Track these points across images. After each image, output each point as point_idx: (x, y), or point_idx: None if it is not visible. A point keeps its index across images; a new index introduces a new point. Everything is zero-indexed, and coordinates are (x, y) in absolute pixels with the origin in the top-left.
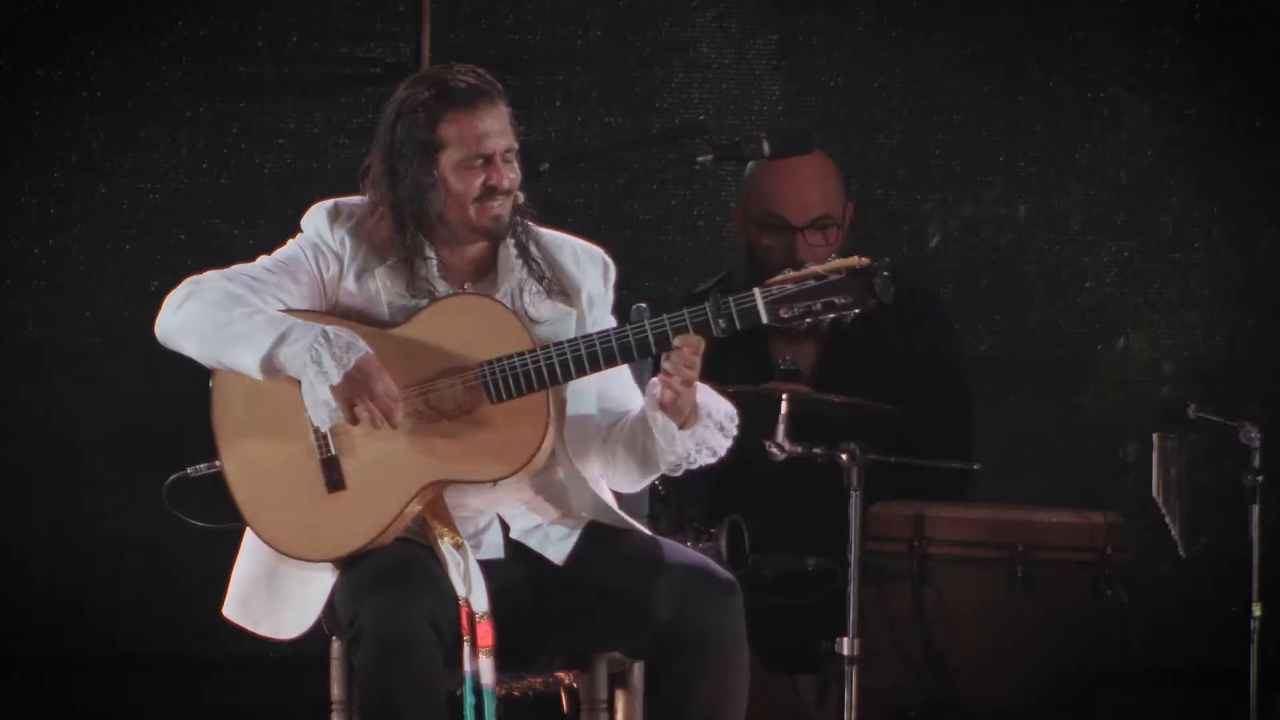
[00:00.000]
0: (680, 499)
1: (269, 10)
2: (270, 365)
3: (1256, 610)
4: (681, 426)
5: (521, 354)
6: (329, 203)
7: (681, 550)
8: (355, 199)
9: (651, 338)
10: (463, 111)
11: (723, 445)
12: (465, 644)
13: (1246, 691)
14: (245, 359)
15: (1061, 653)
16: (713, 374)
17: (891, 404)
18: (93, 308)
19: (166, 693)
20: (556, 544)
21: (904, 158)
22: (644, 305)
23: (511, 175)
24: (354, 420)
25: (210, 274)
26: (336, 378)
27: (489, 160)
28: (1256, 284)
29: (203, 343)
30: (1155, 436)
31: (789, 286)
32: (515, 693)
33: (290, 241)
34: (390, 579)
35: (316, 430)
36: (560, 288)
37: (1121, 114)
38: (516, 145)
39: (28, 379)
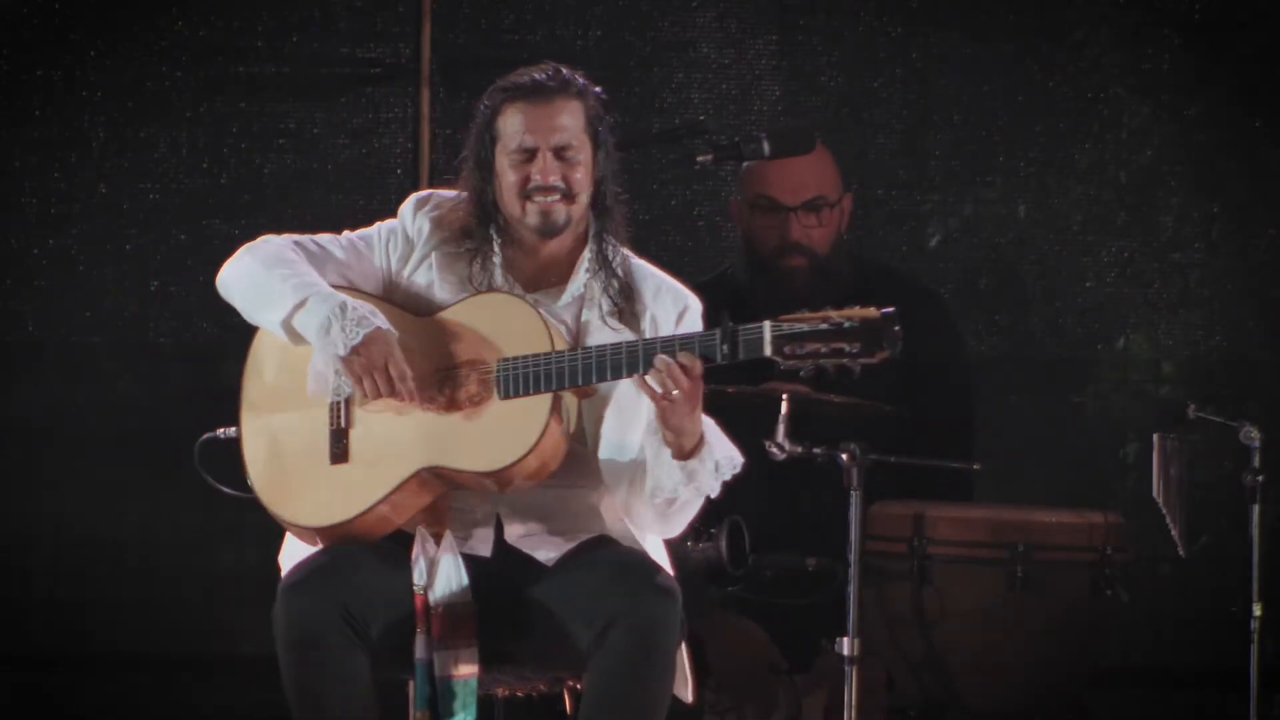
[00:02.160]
0: None
1: (269, 10)
2: (289, 328)
3: (1256, 610)
4: (680, 457)
5: (537, 354)
6: (424, 192)
7: (633, 555)
8: (453, 192)
9: (659, 349)
10: (516, 104)
11: (713, 486)
12: (419, 634)
13: (1246, 691)
14: (271, 319)
15: (1061, 653)
16: (713, 374)
17: (894, 406)
18: (93, 308)
19: (166, 693)
20: (550, 553)
21: (904, 158)
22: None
23: (568, 174)
24: (363, 392)
25: (278, 237)
26: (343, 349)
27: (534, 155)
28: (1256, 284)
29: (244, 298)
30: (1155, 436)
31: (800, 326)
32: (519, 693)
33: (376, 224)
34: (304, 580)
35: (334, 401)
36: (628, 311)
37: (1121, 114)
38: (577, 144)
39: (28, 379)
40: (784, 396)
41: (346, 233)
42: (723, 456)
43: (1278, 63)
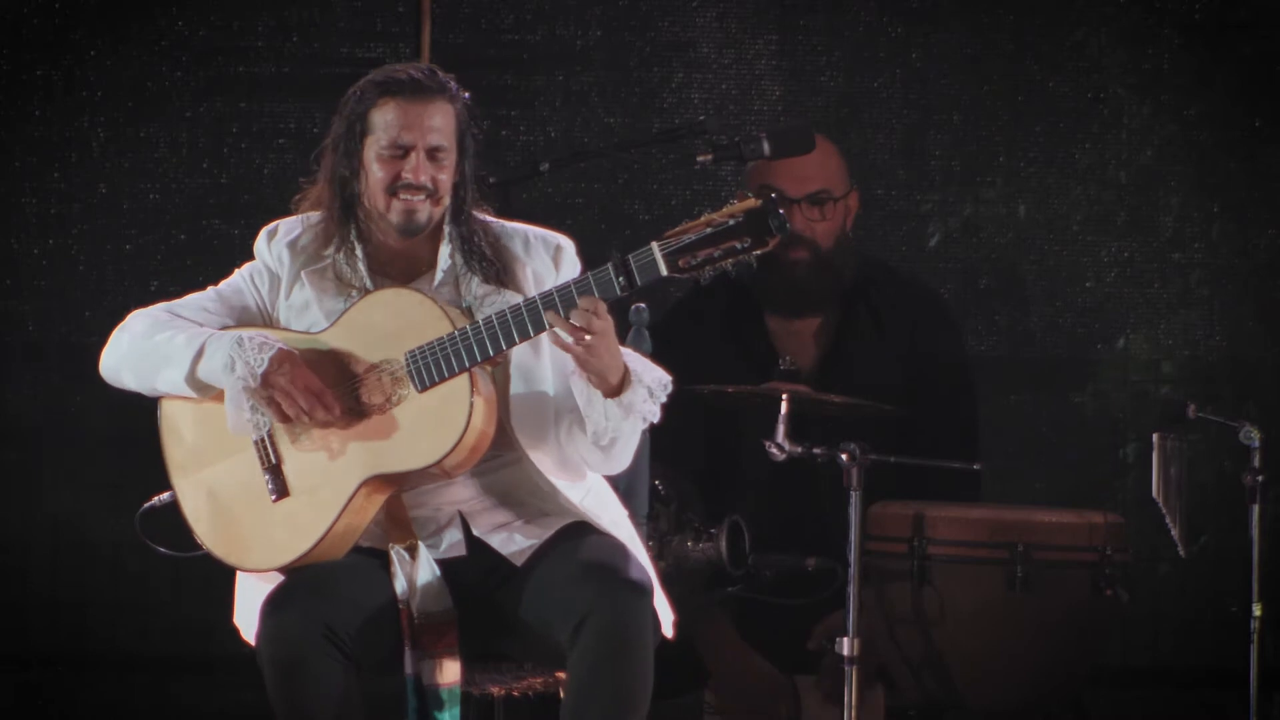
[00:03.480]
0: (680, 499)
1: (269, 10)
2: (195, 381)
3: (1256, 610)
4: (611, 394)
5: (441, 338)
6: (270, 225)
7: (603, 548)
8: (297, 217)
9: (558, 301)
10: (393, 100)
11: (652, 411)
12: (406, 648)
13: (1246, 691)
14: (173, 380)
15: (1061, 653)
16: (714, 373)
17: (894, 406)
18: (93, 308)
19: (166, 693)
20: (520, 545)
21: (904, 158)
22: (643, 305)
23: (435, 174)
24: (284, 418)
25: (144, 309)
26: (252, 380)
27: (407, 152)
28: (1256, 284)
29: (136, 373)
30: (1155, 436)
31: (687, 236)
32: (515, 693)
33: (235, 271)
34: (285, 598)
35: (258, 440)
36: (503, 271)
37: (1121, 114)
38: (448, 146)
39: (28, 379)
40: (784, 396)
41: (210, 288)
42: (651, 380)
43: (1278, 63)
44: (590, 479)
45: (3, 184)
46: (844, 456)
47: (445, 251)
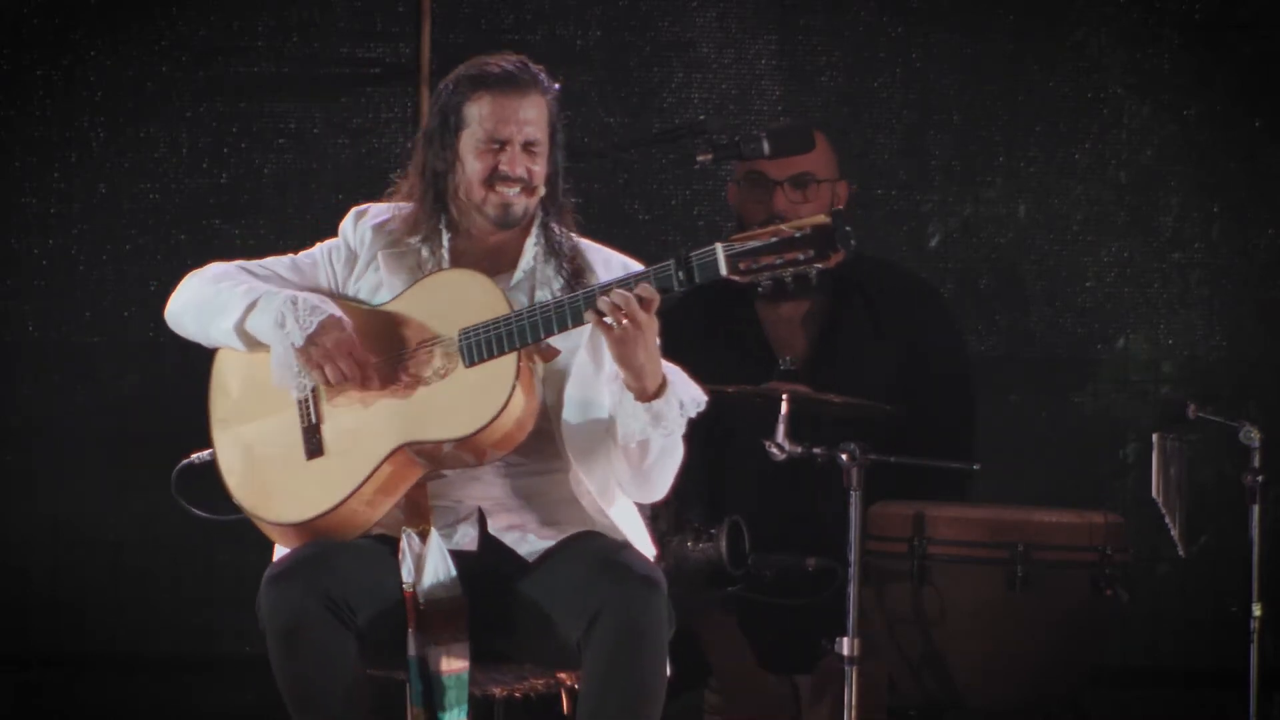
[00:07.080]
0: (680, 499)
1: (269, 10)
2: (243, 332)
3: (1256, 610)
4: (643, 399)
5: (496, 319)
6: (361, 206)
7: (611, 547)
8: (389, 204)
9: (614, 290)
10: (488, 93)
11: (679, 425)
12: (410, 631)
13: (1246, 691)
14: (223, 328)
15: (1061, 653)
16: (714, 373)
17: (890, 402)
18: (93, 308)
19: (166, 693)
20: (534, 546)
21: (904, 158)
22: None
23: (530, 166)
24: (325, 380)
25: (221, 263)
26: (299, 339)
27: (504, 146)
28: (1256, 284)
29: (195, 318)
30: (1155, 436)
31: (752, 242)
32: (516, 693)
33: (316, 245)
34: (287, 570)
35: (301, 399)
36: (579, 280)
37: (1121, 114)
38: (542, 139)
39: (28, 379)
40: (784, 396)
41: (288, 255)
42: (686, 396)
43: (1278, 63)
44: (623, 503)
45: (3, 184)
46: (844, 456)
47: (530, 253)
